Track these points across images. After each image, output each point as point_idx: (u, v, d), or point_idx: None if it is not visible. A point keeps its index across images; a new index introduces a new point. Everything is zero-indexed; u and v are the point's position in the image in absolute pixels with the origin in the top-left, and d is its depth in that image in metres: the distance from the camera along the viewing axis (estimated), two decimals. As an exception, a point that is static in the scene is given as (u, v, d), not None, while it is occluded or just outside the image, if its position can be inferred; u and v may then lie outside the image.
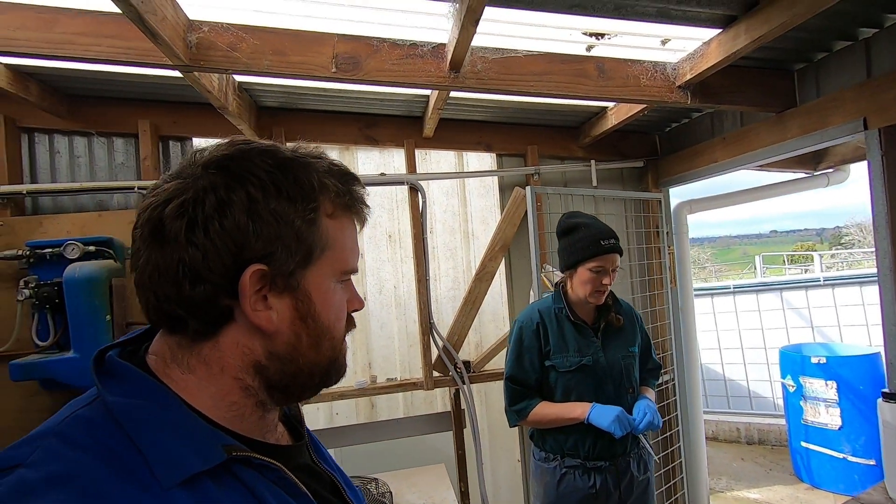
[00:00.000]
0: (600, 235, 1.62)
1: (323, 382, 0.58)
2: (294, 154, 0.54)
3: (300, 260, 0.52)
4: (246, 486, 0.49)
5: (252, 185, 0.50)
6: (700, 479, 2.89)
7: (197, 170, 0.50)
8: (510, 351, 1.74)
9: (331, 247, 0.54)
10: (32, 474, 0.40)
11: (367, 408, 2.67)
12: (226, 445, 0.48)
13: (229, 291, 0.49)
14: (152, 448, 0.45)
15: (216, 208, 0.48)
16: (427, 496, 2.08)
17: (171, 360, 0.51)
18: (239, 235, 0.49)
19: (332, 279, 0.55)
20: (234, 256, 0.49)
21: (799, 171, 3.16)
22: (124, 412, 0.46)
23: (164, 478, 0.43)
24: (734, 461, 4.59)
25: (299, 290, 0.53)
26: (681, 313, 2.94)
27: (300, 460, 0.60)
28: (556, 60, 1.83)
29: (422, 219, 2.56)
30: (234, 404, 0.52)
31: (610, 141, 2.76)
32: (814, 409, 4.02)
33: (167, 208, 0.48)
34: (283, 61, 1.61)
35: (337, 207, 0.55)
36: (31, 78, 2.00)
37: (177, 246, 0.48)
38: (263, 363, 0.53)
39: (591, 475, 1.62)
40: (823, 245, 39.01)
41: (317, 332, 0.54)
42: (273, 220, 0.50)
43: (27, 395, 2.05)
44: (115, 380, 0.49)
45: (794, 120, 2.04)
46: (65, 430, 0.44)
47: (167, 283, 0.49)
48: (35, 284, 1.97)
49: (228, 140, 0.54)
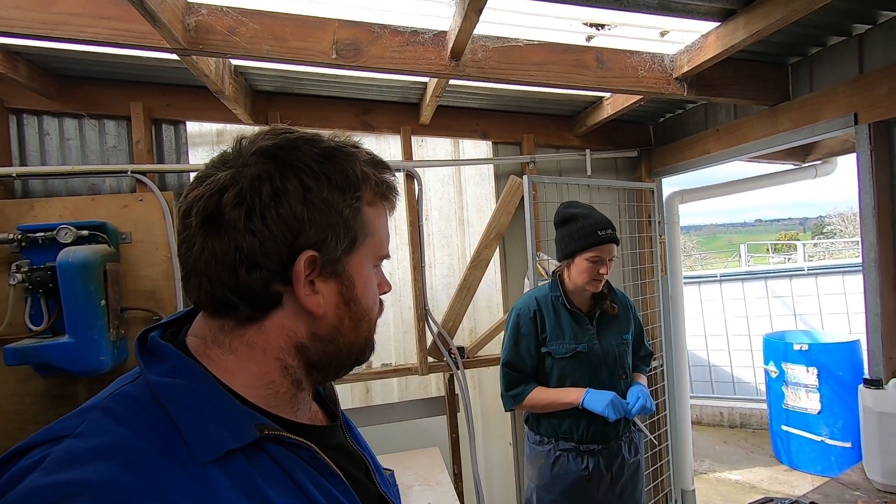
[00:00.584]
0: (598, 226, 1.65)
1: (358, 360, 0.61)
2: (337, 144, 0.56)
3: (346, 247, 0.54)
4: (278, 464, 0.51)
5: (305, 175, 0.52)
6: (685, 462, 2.98)
7: (248, 158, 0.52)
8: (507, 337, 1.78)
9: (371, 234, 0.57)
10: (80, 444, 0.42)
11: (362, 392, 2.70)
12: (258, 424, 0.50)
13: (282, 277, 0.52)
14: (189, 426, 0.47)
15: (272, 196, 0.50)
16: (421, 478, 2.12)
17: (213, 341, 0.53)
18: (295, 223, 0.51)
19: (370, 264, 0.59)
20: (289, 243, 0.51)
21: (788, 162, 3.22)
22: (164, 391, 0.48)
23: (199, 454, 0.46)
24: (717, 444, 4.73)
25: (344, 276, 0.55)
26: (670, 301, 3.00)
27: (333, 440, 0.62)
28: (556, 50, 1.83)
29: (418, 206, 2.56)
30: (271, 383, 0.54)
31: (605, 130, 2.78)
32: (795, 395, 4.16)
33: (224, 196, 0.50)
34: (283, 46, 1.59)
35: (375, 196, 0.58)
36: (19, 57, 1.95)
37: (235, 234, 0.50)
38: (306, 344, 0.55)
39: (584, 458, 1.68)
40: (806, 234, 39.72)
41: (358, 314, 0.57)
42: (326, 209, 0.52)
43: (21, 379, 2.05)
44: (157, 360, 0.51)
45: (787, 114, 2.07)
46: (110, 404, 0.47)
47: (224, 269, 0.50)
48: (27, 268, 1.95)
49: (270, 128, 0.56)
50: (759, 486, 3.89)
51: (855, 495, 1.48)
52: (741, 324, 5.87)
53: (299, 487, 0.51)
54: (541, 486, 1.73)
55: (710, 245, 47.38)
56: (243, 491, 0.47)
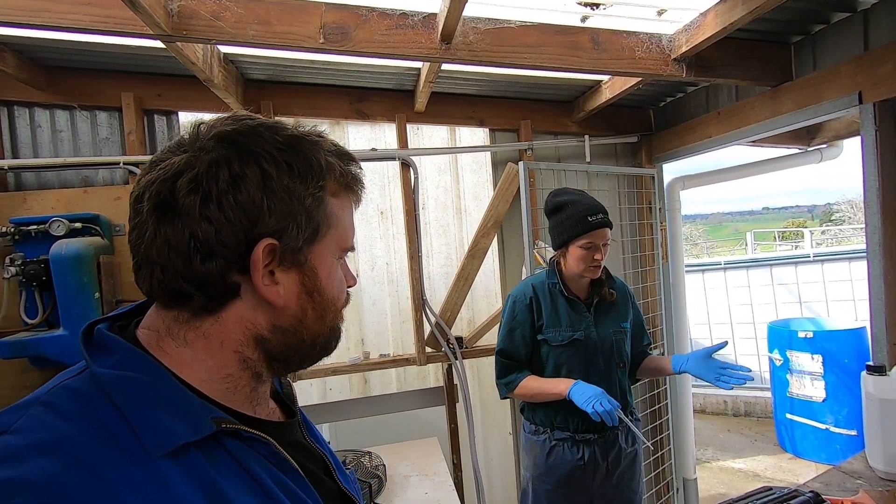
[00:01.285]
0: (588, 211, 1.62)
1: (323, 351, 0.59)
2: (300, 132, 0.54)
3: (308, 236, 0.53)
4: (235, 458, 0.49)
5: (265, 161, 0.50)
6: (687, 450, 2.96)
7: (206, 143, 0.49)
8: (502, 325, 1.75)
9: (335, 225, 0.56)
10: (17, 441, 0.40)
11: (360, 383, 2.69)
12: (215, 418, 0.48)
13: (240, 266, 0.50)
14: (140, 418, 0.44)
15: (230, 182, 0.48)
16: (420, 468, 2.12)
17: (166, 334, 0.51)
18: (253, 210, 0.49)
19: (334, 256, 0.57)
20: (246, 231, 0.49)
21: (793, 146, 3.15)
22: (113, 383, 0.46)
23: (151, 448, 0.43)
24: (720, 432, 4.71)
25: (306, 266, 0.54)
26: (672, 289, 2.96)
27: (291, 437, 0.60)
28: (550, 31, 1.79)
29: (414, 195, 2.53)
30: (229, 377, 0.52)
31: (604, 116, 2.73)
32: (799, 382, 4.12)
33: (178, 181, 0.48)
34: (268, 31, 1.55)
35: (340, 187, 0.57)
36: (6, 48, 1.93)
37: (189, 220, 0.47)
38: (266, 336, 0.53)
39: (579, 447, 1.66)
40: (814, 222, 39.31)
41: (322, 304, 0.56)
42: (286, 197, 0.51)
43: (18, 371, 2.05)
44: (105, 352, 0.48)
45: (789, 94, 2.02)
46: (51, 399, 0.44)
47: (177, 257, 0.48)
48: (21, 262, 1.95)
49: (230, 114, 0.53)
50: (763, 475, 3.86)
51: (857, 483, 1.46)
52: (746, 312, 5.81)
53: (257, 482, 0.49)
54: (536, 475, 1.71)
55: (717, 233, 47.05)
56: (198, 485, 0.45)
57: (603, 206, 1.66)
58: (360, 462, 2.00)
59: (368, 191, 2.71)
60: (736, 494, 1.28)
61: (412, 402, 2.56)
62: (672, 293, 2.96)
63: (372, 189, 2.64)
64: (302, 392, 2.66)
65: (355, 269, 2.63)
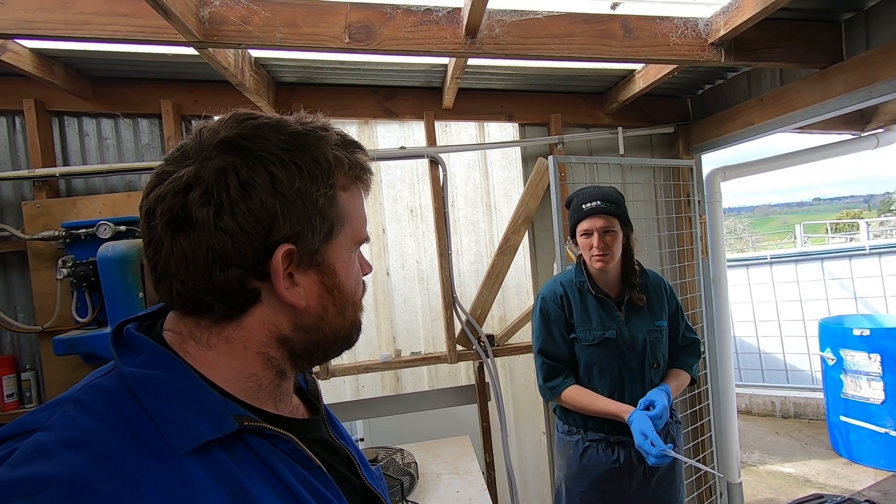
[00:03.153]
0: (584, 199, 1.60)
1: (345, 345, 0.59)
2: (305, 128, 0.53)
3: (324, 236, 0.53)
4: (258, 456, 0.49)
5: (273, 165, 0.49)
6: (731, 453, 2.83)
7: (210, 151, 0.49)
8: (536, 325, 1.72)
9: (348, 219, 0.55)
10: (49, 437, 0.41)
11: (392, 381, 2.71)
12: (238, 416, 0.49)
13: (259, 273, 0.50)
14: (164, 417, 0.45)
15: (240, 191, 0.48)
16: (451, 466, 2.11)
17: (189, 337, 0.52)
18: (267, 217, 0.48)
19: (350, 249, 0.57)
20: (263, 239, 0.49)
21: (845, 132, 2.96)
22: (138, 382, 0.47)
23: (175, 445, 0.44)
24: (768, 435, 4.50)
25: (324, 265, 0.54)
26: (712, 284, 2.84)
27: (315, 434, 0.60)
28: (578, 21, 1.73)
29: (443, 192, 2.52)
30: (252, 376, 0.53)
31: (638, 106, 2.64)
32: (854, 383, 3.88)
33: (189, 195, 0.47)
34: (295, 33, 1.58)
35: (349, 180, 0.56)
36: (55, 61, 2.04)
37: (205, 233, 0.47)
38: (289, 335, 0.53)
39: (614, 449, 1.61)
40: (871, 213, 36.91)
41: (342, 300, 0.56)
42: (299, 200, 0.50)
43: (71, 368, 2.17)
44: (132, 352, 0.49)
45: (839, 76, 1.89)
46: (82, 397, 0.46)
47: (196, 270, 0.48)
48: (72, 263, 2.05)
49: (230, 115, 0.52)
50: (815, 480, 3.66)
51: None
52: (794, 308, 5.52)
53: (280, 479, 0.50)
54: (569, 476, 1.67)
55: (763, 226, 44.94)
56: (221, 483, 0.45)
57: (612, 195, 1.61)
58: (393, 459, 2.01)
59: (398, 189, 2.73)
60: (785, 500, 1.21)
61: (444, 399, 2.56)
62: (713, 289, 2.83)
63: (401, 187, 2.64)
64: (335, 389, 2.70)
65: (385, 266, 2.64)
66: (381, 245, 2.63)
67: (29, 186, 2.25)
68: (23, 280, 2.25)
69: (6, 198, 2.26)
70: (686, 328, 1.77)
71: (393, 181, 2.64)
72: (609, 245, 1.58)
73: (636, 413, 1.48)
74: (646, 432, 1.42)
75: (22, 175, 2.18)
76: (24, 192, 2.27)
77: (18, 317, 2.27)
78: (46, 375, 2.19)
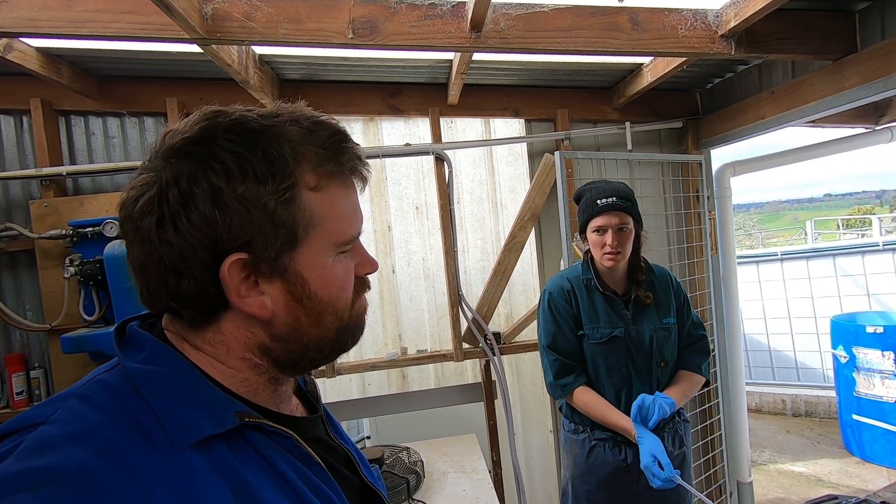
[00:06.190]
0: (598, 195, 1.56)
1: (336, 351, 0.57)
2: (263, 124, 0.49)
3: (283, 243, 0.49)
4: (259, 452, 0.50)
5: (214, 173, 0.47)
6: (741, 452, 2.80)
7: (161, 160, 0.48)
8: (543, 321, 1.69)
9: (319, 222, 0.51)
10: (54, 431, 0.42)
11: (398, 379, 2.70)
12: (238, 412, 0.49)
13: (214, 284, 0.48)
14: (166, 411, 0.46)
15: (180, 202, 0.46)
16: (458, 465, 2.10)
17: (182, 338, 0.52)
18: (208, 228, 0.47)
19: (329, 254, 0.53)
20: (209, 250, 0.47)
21: (858, 125, 2.90)
22: (142, 378, 0.48)
23: (177, 439, 0.45)
24: (779, 433, 4.45)
25: (290, 273, 0.50)
26: (722, 282, 2.80)
27: (314, 433, 0.60)
28: (585, 13, 1.71)
29: (448, 189, 2.50)
30: (246, 381, 0.53)
31: (646, 101, 2.60)
32: (868, 381, 3.82)
33: (136, 206, 0.48)
34: (298, 29, 1.56)
35: (321, 177, 0.51)
36: (61, 60, 2.04)
37: (152, 245, 0.47)
38: (268, 344, 0.52)
39: (621, 448, 1.58)
40: (883, 208, 36.37)
41: (316, 310, 0.53)
42: (241, 208, 0.47)
43: (79, 366, 2.18)
44: (135, 349, 0.50)
45: (854, 67, 1.85)
46: (86, 392, 0.47)
47: (153, 278, 0.49)
48: (79, 262, 2.06)
49: (198, 114, 0.51)
50: (827, 480, 3.61)
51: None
52: (805, 305, 5.45)
53: (281, 475, 0.50)
54: (576, 475, 1.66)
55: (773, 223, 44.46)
56: (224, 476, 0.46)
57: (625, 191, 1.58)
58: (399, 457, 2.00)
59: (403, 186, 2.71)
60: (797, 500, 1.18)
61: (450, 398, 2.55)
62: (723, 286, 2.79)
63: (407, 184, 2.63)
64: (341, 387, 2.70)
65: (391, 264, 2.63)
66: (387, 242, 2.62)
67: (36, 185, 2.26)
68: (31, 278, 2.27)
69: (14, 197, 2.27)
70: (693, 324, 1.72)
71: (398, 178, 2.62)
72: (622, 243, 1.55)
73: (648, 435, 1.44)
74: (657, 455, 1.39)
75: (29, 174, 2.19)
76: (31, 191, 2.28)
77: (27, 315, 2.28)
78: (55, 373, 2.21)
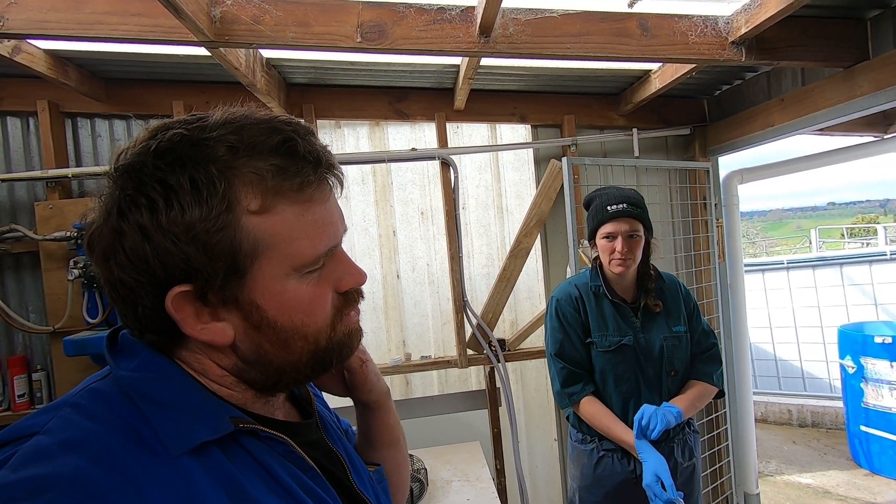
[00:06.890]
0: (609, 201, 1.55)
1: (319, 369, 0.54)
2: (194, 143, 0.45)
3: (225, 274, 0.46)
4: (254, 457, 0.50)
5: (138, 208, 0.44)
6: (748, 463, 2.76)
7: (105, 187, 0.48)
8: (550, 328, 1.67)
9: (269, 247, 0.47)
10: (48, 440, 0.42)
11: (402, 385, 2.67)
12: (233, 418, 0.49)
13: (165, 314, 0.47)
14: (160, 419, 0.46)
15: (112, 237, 0.46)
16: (461, 473, 2.07)
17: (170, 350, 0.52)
18: (141, 264, 0.45)
19: (289, 278, 0.48)
20: (150, 284, 0.46)
21: (867, 134, 2.88)
22: (134, 385, 0.47)
23: (171, 446, 0.44)
24: (785, 444, 4.39)
25: (241, 302, 0.48)
26: (729, 290, 2.77)
27: (309, 437, 0.60)
28: (594, 19, 1.70)
29: (454, 194, 2.49)
30: (232, 395, 0.52)
31: (653, 107, 2.59)
32: (876, 392, 3.77)
33: (90, 234, 0.48)
34: (307, 32, 1.56)
35: (266, 196, 0.46)
36: (69, 62, 2.04)
37: (102, 273, 0.48)
38: (241, 366, 0.51)
39: (630, 459, 1.55)
40: (888, 217, 36.21)
41: (280, 337, 0.49)
42: (170, 242, 0.44)
43: (81, 369, 2.16)
44: (128, 356, 0.50)
45: (866, 75, 1.83)
46: (79, 401, 0.46)
47: (115, 300, 0.48)
48: (83, 264, 2.05)
49: (144, 131, 0.48)
50: (834, 492, 3.56)
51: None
52: (812, 314, 5.40)
53: (277, 480, 0.50)
54: (584, 486, 1.63)
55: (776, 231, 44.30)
56: (220, 482, 0.46)
57: (636, 198, 1.56)
58: (402, 465, 1.97)
59: (409, 191, 2.70)
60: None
61: (454, 404, 2.52)
62: (730, 294, 2.77)
63: (412, 189, 2.62)
64: (344, 392, 2.67)
65: (395, 269, 2.61)
66: (392, 247, 2.61)
67: (42, 187, 2.26)
68: (35, 281, 2.26)
69: (19, 198, 2.27)
70: (703, 333, 1.69)
71: (404, 183, 2.61)
72: (632, 250, 1.54)
73: (652, 453, 1.42)
74: (660, 474, 1.37)
75: (35, 176, 2.19)
76: (36, 193, 2.27)
77: (30, 317, 2.27)
78: (57, 376, 2.19)
